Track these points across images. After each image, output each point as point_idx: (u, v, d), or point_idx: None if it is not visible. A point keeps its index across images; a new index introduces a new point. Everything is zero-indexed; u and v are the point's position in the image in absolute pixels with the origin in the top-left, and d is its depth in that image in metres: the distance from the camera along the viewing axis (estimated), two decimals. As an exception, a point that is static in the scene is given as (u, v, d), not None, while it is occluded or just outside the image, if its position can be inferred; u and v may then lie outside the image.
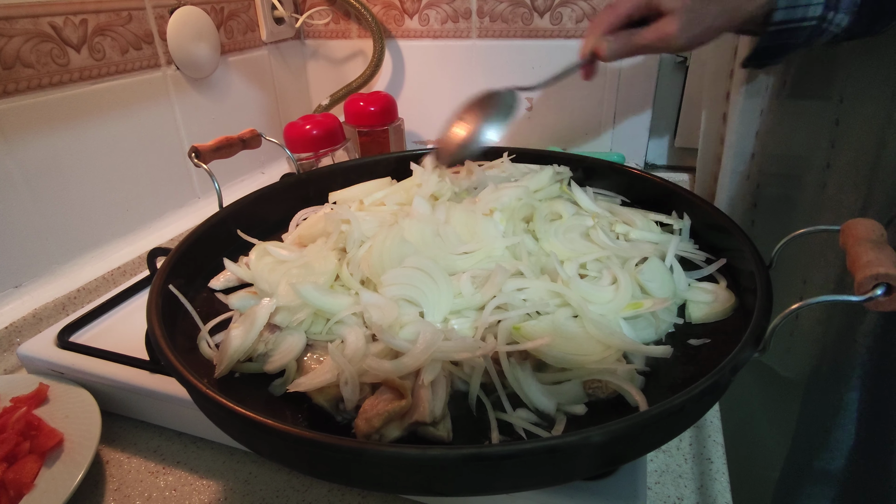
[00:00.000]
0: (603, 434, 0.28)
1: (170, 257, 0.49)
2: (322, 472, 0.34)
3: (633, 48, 0.55)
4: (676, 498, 0.46)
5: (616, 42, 0.55)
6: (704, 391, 0.32)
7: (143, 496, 0.48)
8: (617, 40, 0.55)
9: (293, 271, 0.48)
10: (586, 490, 0.39)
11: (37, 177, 0.67)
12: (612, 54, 0.55)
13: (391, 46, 1.09)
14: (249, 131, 0.66)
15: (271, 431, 0.30)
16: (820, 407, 0.75)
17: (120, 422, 0.55)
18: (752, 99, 0.82)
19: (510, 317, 0.42)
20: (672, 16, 0.52)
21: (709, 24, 0.52)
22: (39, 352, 0.56)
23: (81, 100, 0.71)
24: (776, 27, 0.52)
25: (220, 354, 0.41)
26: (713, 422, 0.54)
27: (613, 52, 0.55)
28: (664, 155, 1.08)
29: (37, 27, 0.65)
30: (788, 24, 0.52)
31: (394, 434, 0.35)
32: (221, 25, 0.92)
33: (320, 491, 0.47)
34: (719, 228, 0.53)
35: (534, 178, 0.61)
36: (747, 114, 0.83)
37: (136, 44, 0.77)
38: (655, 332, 0.44)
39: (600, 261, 0.49)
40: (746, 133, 0.84)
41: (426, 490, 0.36)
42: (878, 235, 0.36)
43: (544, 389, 0.38)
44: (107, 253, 0.77)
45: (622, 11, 0.54)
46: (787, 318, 0.34)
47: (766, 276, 0.42)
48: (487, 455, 0.28)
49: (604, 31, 0.55)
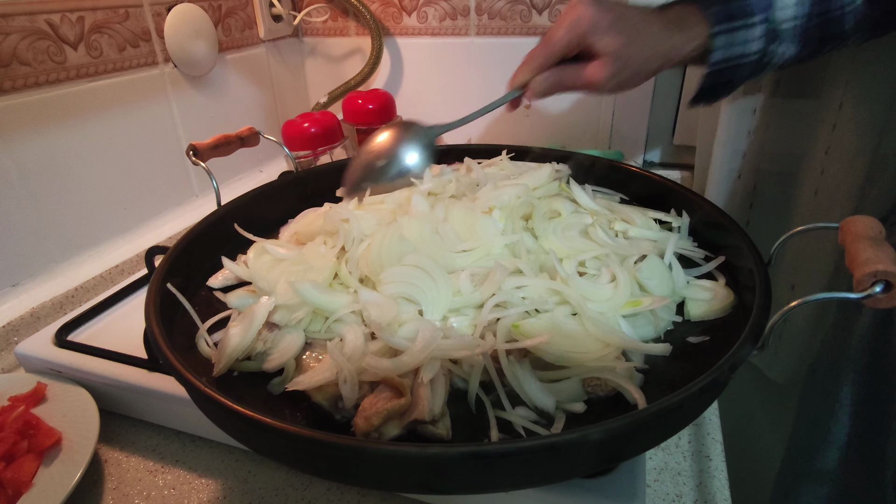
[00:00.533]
0: (602, 432, 0.28)
1: (168, 256, 0.49)
2: (321, 471, 0.34)
3: (560, 88, 0.54)
4: (675, 495, 0.46)
5: (545, 81, 0.54)
6: (703, 388, 0.32)
7: (141, 495, 0.48)
8: (547, 79, 0.54)
9: (292, 269, 0.48)
10: (585, 488, 0.39)
11: (34, 175, 0.67)
12: (542, 92, 0.54)
13: (389, 44, 1.09)
14: (247, 129, 0.66)
15: (270, 430, 0.30)
16: (815, 405, 0.76)
17: (118, 420, 0.55)
18: (745, 97, 0.82)
19: (509, 315, 0.42)
20: (603, 59, 0.51)
21: (640, 68, 0.52)
22: (37, 350, 0.56)
23: (78, 98, 0.71)
24: (716, 67, 0.52)
25: (218, 353, 0.41)
26: (712, 419, 0.54)
27: (543, 89, 0.54)
28: (663, 153, 1.08)
29: (33, 24, 0.65)
30: (728, 63, 0.51)
31: (393, 432, 0.35)
32: (219, 23, 0.92)
33: (319, 489, 0.47)
34: (718, 226, 0.53)
35: (532, 176, 0.60)
36: (739, 112, 0.83)
37: (133, 41, 0.77)
38: (654, 330, 0.44)
39: (599, 259, 0.49)
40: (738, 131, 0.84)
41: (425, 488, 0.36)
42: (876, 232, 0.36)
43: (543, 387, 0.38)
44: (105, 251, 0.77)
45: (556, 50, 0.53)
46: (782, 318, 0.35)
47: (765, 273, 0.42)
48: (486, 453, 0.28)
49: (536, 68, 0.54)
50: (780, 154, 0.84)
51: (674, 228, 0.57)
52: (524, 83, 0.55)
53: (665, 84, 1.01)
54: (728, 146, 0.85)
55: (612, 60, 0.50)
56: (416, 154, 0.58)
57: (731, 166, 0.87)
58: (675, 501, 0.46)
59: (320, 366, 0.40)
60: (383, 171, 0.58)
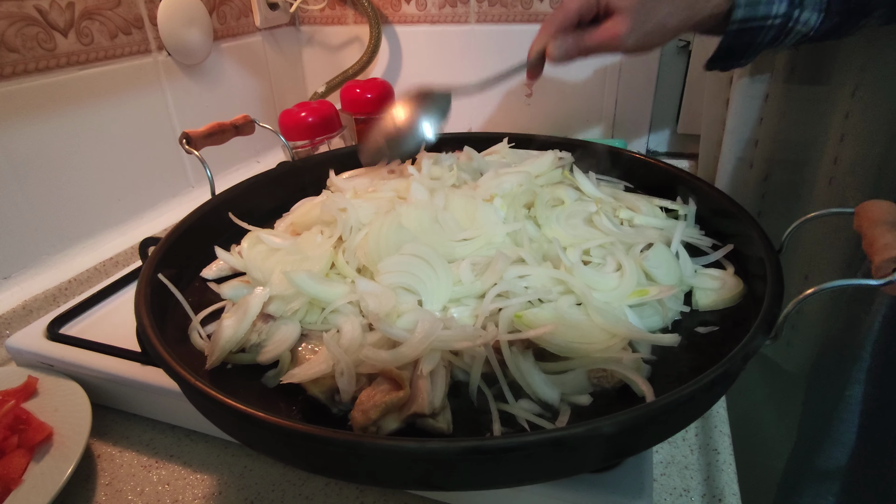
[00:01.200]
0: (611, 425, 0.27)
1: (159, 246, 0.48)
2: (317, 467, 0.33)
3: (582, 49, 0.52)
4: (683, 489, 0.45)
5: (565, 43, 0.52)
6: (715, 380, 0.30)
7: (135, 491, 0.47)
8: (566, 41, 0.52)
9: (287, 259, 0.47)
10: (591, 482, 0.38)
11: (24, 165, 0.66)
12: (561, 56, 0.52)
13: (388, 32, 1.07)
14: (242, 117, 0.64)
15: (262, 424, 0.29)
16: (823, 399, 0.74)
17: (112, 415, 0.54)
18: (756, 84, 0.80)
19: (512, 304, 0.41)
20: (622, 14, 0.49)
21: (661, 22, 0.49)
22: (29, 344, 0.55)
23: (69, 86, 0.69)
24: (738, 26, 0.49)
25: (211, 345, 0.40)
26: (719, 411, 0.53)
27: (562, 53, 0.52)
28: (666, 142, 1.06)
29: (21, 10, 0.63)
30: (751, 23, 0.49)
31: (391, 426, 0.34)
32: (214, 10, 0.90)
33: (317, 484, 0.46)
34: (726, 213, 0.51)
35: (535, 164, 0.59)
36: (750, 99, 0.81)
37: (125, 28, 0.75)
38: (662, 320, 0.43)
39: (604, 247, 0.48)
40: (748, 119, 0.82)
41: (425, 484, 0.35)
42: (894, 217, 0.34)
43: (547, 379, 0.37)
44: (99, 243, 0.76)
45: (572, 11, 0.51)
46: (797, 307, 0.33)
47: (777, 260, 0.41)
48: (488, 448, 0.27)
49: (554, 32, 0.52)
50: (793, 142, 0.82)
51: (680, 216, 0.55)
52: (542, 50, 0.53)
53: (668, 72, 0.99)
54: (738, 134, 0.83)
55: (631, 14, 0.49)
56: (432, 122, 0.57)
57: (741, 155, 0.85)
58: (683, 496, 0.45)
59: (316, 358, 0.38)
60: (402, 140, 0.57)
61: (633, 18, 0.49)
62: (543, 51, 0.53)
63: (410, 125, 0.56)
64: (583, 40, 0.52)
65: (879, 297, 0.64)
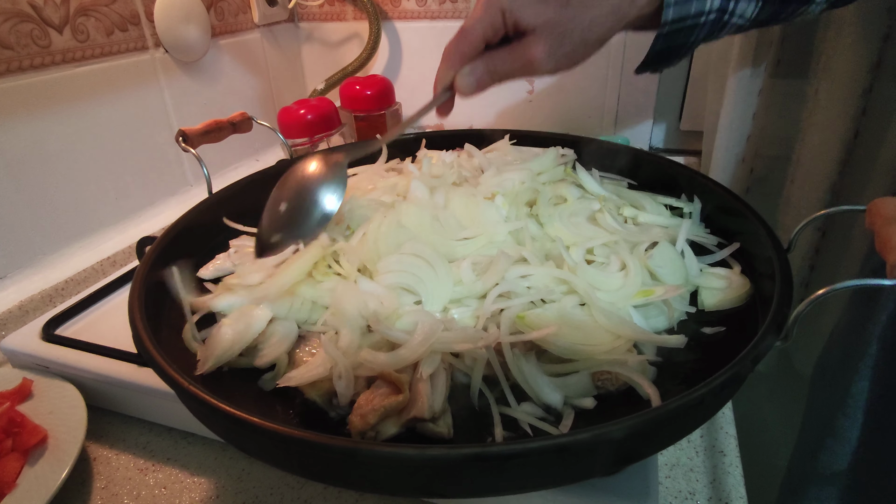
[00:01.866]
0: (617, 431, 0.26)
1: (155, 246, 0.47)
2: (314, 474, 0.32)
3: (495, 76, 0.46)
4: (688, 493, 0.44)
5: (474, 73, 0.45)
6: (725, 383, 0.29)
7: (131, 494, 0.46)
8: (474, 71, 0.45)
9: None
10: (596, 486, 0.37)
11: (19, 164, 0.65)
12: (471, 88, 0.46)
13: (388, 28, 1.06)
14: (240, 114, 0.64)
15: (256, 430, 0.28)
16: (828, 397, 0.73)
17: (108, 417, 0.53)
18: (750, 79, 0.79)
19: (514, 305, 0.40)
20: (535, 35, 0.42)
21: (582, 38, 0.43)
22: (23, 345, 0.54)
23: (65, 83, 0.69)
24: (669, 27, 0.43)
25: (204, 352, 0.39)
26: (725, 413, 0.52)
27: (471, 84, 0.46)
28: (669, 138, 1.05)
29: (15, 6, 0.62)
30: (683, 22, 0.43)
31: (390, 431, 0.33)
32: (211, 7, 0.89)
33: (316, 488, 0.45)
34: (732, 211, 0.50)
35: (536, 161, 0.58)
36: (745, 94, 0.80)
37: (121, 25, 0.74)
38: (668, 321, 0.42)
39: (608, 246, 0.47)
40: (744, 114, 0.81)
41: (426, 492, 0.34)
42: (908, 215, 0.33)
43: (551, 382, 0.36)
44: (96, 243, 0.75)
45: (476, 37, 0.44)
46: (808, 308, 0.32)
47: (786, 259, 0.40)
48: (490, 455, 0.26)
49: (458, 62, 0.45)
50: (777, 137, 0.81)
51: (685, 214, 0.54)
52: (448, 83, 0.46)
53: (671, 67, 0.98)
54: (733, 129, 0.82)
55: (546, 33, 0.42)
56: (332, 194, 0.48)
57: (735, 150, 0.84)
58: (689, 499, 0.44)
59: (314, 360, 0.38)
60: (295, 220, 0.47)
61: (548, 38, 0.42)
62: (450, 84, 0.47)
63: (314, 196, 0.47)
64: (494, 66, 0.45)
65: (886, 294, 0.63)
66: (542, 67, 0.44)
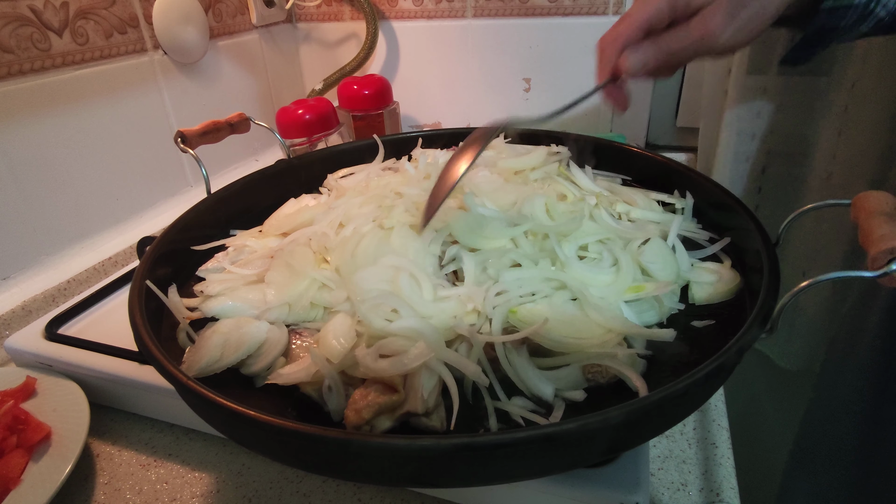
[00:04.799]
0: (602, 421, 0.27)
1: (154, 245, 0.48)
2: (309, 465, 0.32)
3: (664, 56, 0.43)
4: (681, 484, 0.45)
5: (641, 51, 0.43)
6: (709, 374, 0.30)
7: (133, 489, 0.47)
8: (641, 51, 0.43)
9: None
10: (587, 477, 0.38)
11: (22, 166, 0.66)
12: (640, 67, 0.44)
13: (385, 28, 1.06)
14: (237, 115, 0.64)
15: (254, 423, 0.29)
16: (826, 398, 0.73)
17: (110, 414, 0.54)
18: (755, 76, 0.79)
19: (506, 300, 0.40)
20: (712, 6, 0.41)
21: (759, 6, 0.41)
22: (27, 344, 0.55)
23: (65, 86, 0.69)
24: (832, 3, 0.43)
25: (191, 355, 0.39)
26: (718, 405, 0.53)
27: (640, 63, 0.44)
28: (666, 135, 1.06)
29: (15, 10, 0.63)
30: (839, 3, 0.43)
31: (385, 425, 0.33)
32: (209, 8, 0.90)
33: (315, 482, 0.46)
34: (723, 206, 0.51)
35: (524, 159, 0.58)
36: (747, 92, 0.80)
37: (120, 27, 0.75)
38: (658, 315, 0.43)
39: (602, 242, 0.47)
40: (747, 112, 0.81)
41: (418, 482, 0.35)
42: (891, 208, 0.34)
43: (542, 375, 0.36)
44: (97, 243, 0.76)
45: (639, 23, 0.43)
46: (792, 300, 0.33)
47: (773, 253, 0.40)
48: (479, 445, 0.26)
49: (621, 46, 0.44)
50: (791, 135, 0.81)
51: (677, 210, 0.55)
52: (611, 69, 0.45)
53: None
54: (736, 128, 0.83)
55: (723, 4, 0.41)
56: None
57: (738, 149, 0.84)
58: (681, 490, 0.44)
59: (301, 362, 0.38)
60: None
61: (727, 9, 0.41)
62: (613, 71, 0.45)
63: None
64: (666, 45, 0.43)
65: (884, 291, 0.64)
66: (718, 41, 0.42)
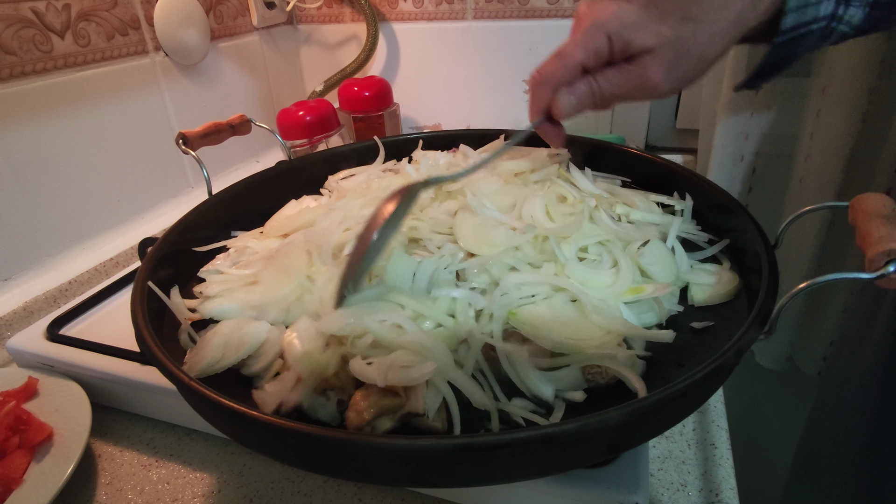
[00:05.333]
0: (601, 421, 0.27)
1: (156, 247, 0.48)
2: (310, 465, 0.33)
3: (599, 99, 0.42)
4: (680, 484, 0.45)
5: (575, 94, 0.42)
6: (708, 375, 0.30)
7: (135, 490, 0.47)
8: (574, 92, 0.42)
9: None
10: (587, 478, 0.38)
11: (23, 167, 0.66)
12: (572, 109, 0.43)
13: (385, 30, 1.07)
14: (238, 116, 0.65)
15: (255, 423, 0.29)
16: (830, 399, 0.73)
17: (112, 415, 0.55)
18: None
19: (506, 302, 0.41)
20: (651, 56, 0.39)
21: (700, 55, 0.39)
22: (29, 345, 0.55)
23: (67, 87, 0.70)
24: (787, 35, 0.40)
25: (191, 357, 0.39)
26: (717, 406, 0.53)
27: (572, 105, 0.43)
28: (665, 137, 1.06)
29: (18, 12, 0.63)
30: (798, 30, 0.40)
31: (386, 425, 0.34)
32: (210, 10, 0.90)
33: (315, 482, 0.46)
34: (722, 208, 0.51)
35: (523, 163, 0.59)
36: (742, 92, 0.80)
37: (122, 29, 0.76)
38: (657, 316, 0.43)
39: (602, 244, 0.48)
40: (741, 112, 0.82)
41: (418, 482, 0.35)
42: (889, 210, 0.34)
43: (542, 375, 0.37)
44: (98, 244, 0.76)
45: (573, 62, 0.41)
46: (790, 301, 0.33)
47: (772, 255, 0.41)
48: (479, 445, 0.27)
49: (553, 87, 0.42)
50: (778, 136, 0.82)
51: (677, 212, 0.55)
52: (544, 108, 0.44)
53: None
54: (730, 128, 0.83)
55: (663, 53, 0.39)
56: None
57: (732, 149, 0.85)
58: (680, 490, 0.45)
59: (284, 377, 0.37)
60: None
61: (666, 58, 0.39)
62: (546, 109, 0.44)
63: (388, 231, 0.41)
64: (600, 88, 0.42)
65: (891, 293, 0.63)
66: (659, 89, 0.41)
